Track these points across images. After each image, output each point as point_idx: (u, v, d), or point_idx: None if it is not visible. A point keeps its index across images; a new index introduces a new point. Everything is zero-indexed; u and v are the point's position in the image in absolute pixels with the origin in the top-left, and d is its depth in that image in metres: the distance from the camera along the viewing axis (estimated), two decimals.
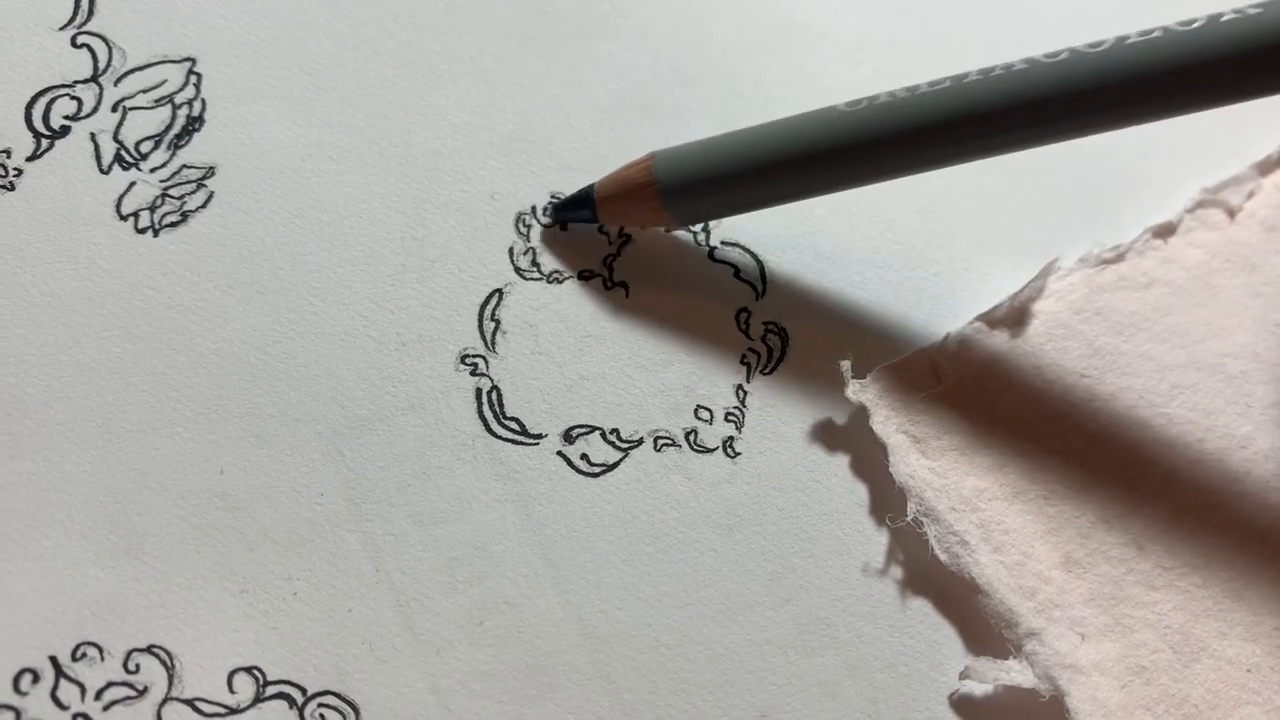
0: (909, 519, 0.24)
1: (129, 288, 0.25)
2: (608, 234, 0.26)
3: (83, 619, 0.22)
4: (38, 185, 0.25)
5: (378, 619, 0.23)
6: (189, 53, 0.27)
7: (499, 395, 0.25)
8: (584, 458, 0.25)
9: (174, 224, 0.25)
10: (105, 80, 0.26)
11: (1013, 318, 0.26)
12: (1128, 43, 0.22)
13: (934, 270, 0.27)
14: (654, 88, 0.28)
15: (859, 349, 0.26)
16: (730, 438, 0.25)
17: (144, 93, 0.26)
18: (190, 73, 0.27)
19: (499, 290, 0.26)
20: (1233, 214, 0.28)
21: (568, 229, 0.26)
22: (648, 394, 0.25)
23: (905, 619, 0.24)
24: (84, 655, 0.22)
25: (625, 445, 0.25)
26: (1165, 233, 0.27)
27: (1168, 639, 0.24)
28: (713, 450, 0.25)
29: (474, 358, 0.25)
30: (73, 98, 0.26)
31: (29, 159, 0.25)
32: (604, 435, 0.25)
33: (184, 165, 0.26)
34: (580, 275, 0.26)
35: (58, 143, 0.26)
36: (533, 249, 0.26)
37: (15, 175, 0.25)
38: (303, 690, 0.23)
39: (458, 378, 0.25)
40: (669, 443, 0.25)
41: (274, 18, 0.27)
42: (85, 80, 0.26)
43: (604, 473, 0.25)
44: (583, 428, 0.25)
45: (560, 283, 0.26)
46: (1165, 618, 0.24)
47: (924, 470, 0.25)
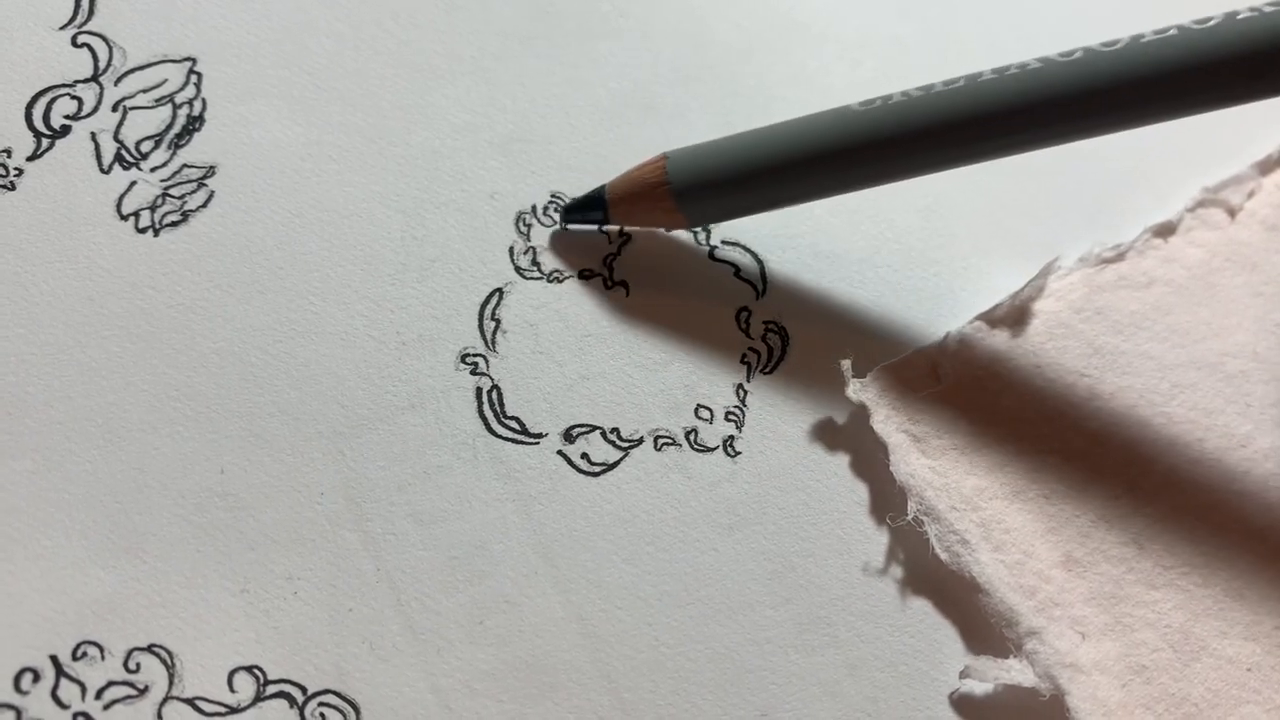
0: (909, 518, 0.24)
1: (129, 287, 0.25)
2: (608, 233, 0.26)
3: (83, 618, 0.22)
4: (38, 185, 0.25)
5: (378, 618, 0.23)
6: (189, 52, 0.27)
7: (499, 394, 0.25)
8: (584, 457, 0.25)
9: (174, 224, 0.25)
10: (105, 80, 0.26)
11: (1013, 317, 0.26)
12: (1143, 41, 0.22)
13: (934, 270, 0.27)
14: (654, 87, 0.28)
15: (859, 348, 0.26)
16: (730, 437, 0.25)
17: (144, 92, 0.26)
18: (190, 72, 0.27)
19: (499, 290, 0.26)
20: (1233, 213, 0.28)
21: (568, 228, 0.26)
22: (648, 393, 0.25)
23: (905, 618, 0.24)
24: (84, 654, 0.22)
25: (625, 444, 0.25)
26: (1165, 232, 0.27)
27: (1168, 638, 0.24)
28: (713, 449, 0.25)
29: (474, 357, 0.25)
30: (73, 97, 0.26)
31: (29, 158, 0.25)
32: (604, 434, 0.25)
33: (184, 165, 0.26)
34: (580, 275, 0.26)
35: (58, 142, 0.26)
36: (533, 248, 0.26)
37: (15, 175, 0.25)
38: (303, 689, 0.23)
39: (458, 377, 0.25)
40: (669, 442, 0.25)
41: (274, 18, 0.27)
42: (85, 80, 0.26)
43: (604, 472, 0.25)
44: (583, 427, 0.25)
45: (560, 282, 0.26)
46: (1165, 617, 0.24)
47: (924, 469, 0.25)
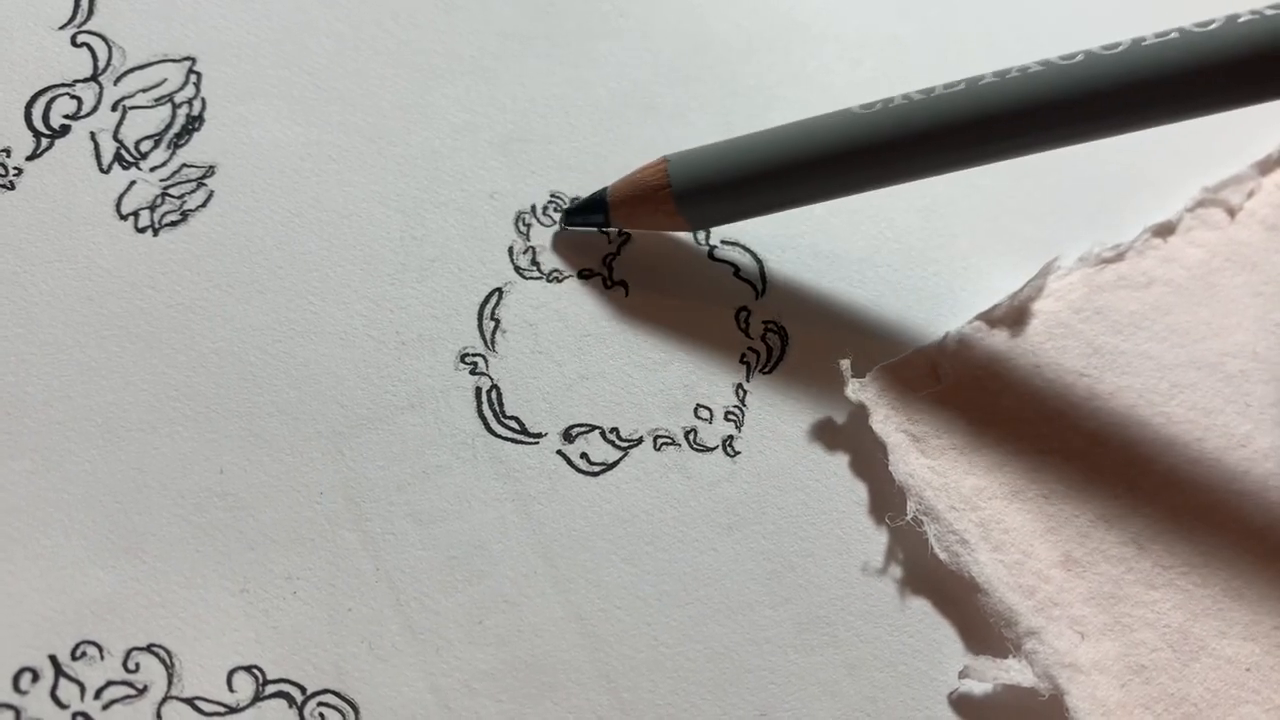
0: (908, 518, 0.24)
1: (129, 287, 0.25)
2: (607, 233, 0.26)
3: (82, 618, 0.22)
4: (38, 184, 0.25)
5: (377, 618, 0.23)
6: (189, 52, 0.27)
7: (499, 394, 0.25)
8: (584, 457, 0.25)
9: (174, 223, 0.25)
10: (105, 79, 0.26)
11: (1012, 317, 0.26)
12: (1144, 44, 0.22)
13: (934, 270, 0.27)
14: (654, 87, 0.28)
15: (859, 348, 0.26)
16: (730, 437, 0.25)
17: (144, 92, 0.26)
18: (190, 72, 0.27)
19: (499, 289, 0.26)
20: (1233, 213, 0.28)
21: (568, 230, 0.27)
22: (647, 393, 0.25)
23: (905, 618, 0.24)
24: (84, 654, 0.22)
25: (625, 444, 0.25)
26: (1165, 232, 0.27)
27: (1167, 638, 0.24)
28: (712, 449, 0.25)
29: (474, 357, 0.25)
30: (72, 97, 0.26)
31: (29, 158, 0.25)
32: (604, 434, 0.25)
33: (184, 164, 0.26)
34: (580, 274, 0.26)
35: (58, 142, 0.26)
36: (532, 248, 0.26)
37: (15, 174, 0.25)
38: (302, 689, 0.23)
39: (457, 377, 0.25)
40: (669, 442, 0.25)
41: (274, 18, 0.27)
42: (85, 79, 0.26)
43: (604, 472, 0.25)
44: (582, 427, 0.25)
45: (560, 282, 0.26)
46: (1165, 616, 0.24)
47: (923, 469, 0.25)
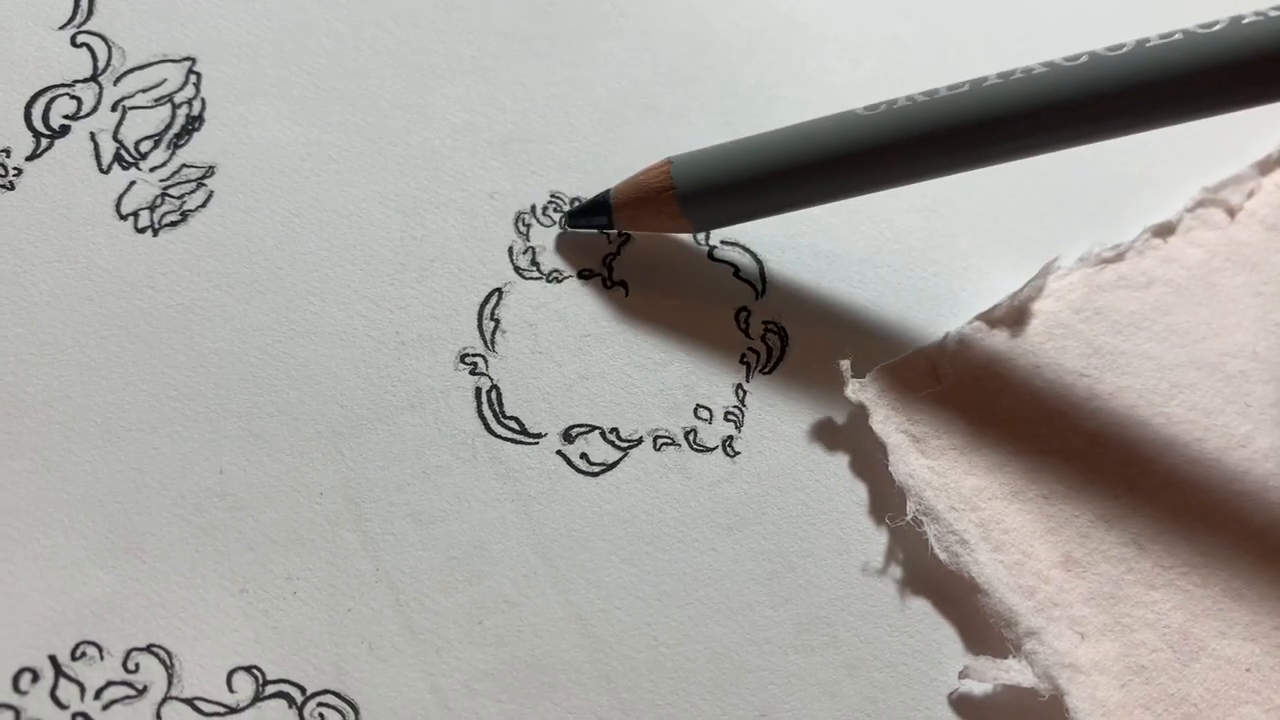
0: (908, 518, 0.24)
1: (129, 287, 0.25)
2: (607, 233, 0.26)
3: (82, 618, 0.22)
4: (37, 185, 0.25)
5: (377, 618, 0.23)
6: (189, 52, 0.27)
7: (498, 394, 0.25)
8: (583, 457, 0.25)
9: (174, 223, 0.25)
10: (105, 79, 0.26)
11: (1012, 317, 0.26)
12: (1148, 46, 0.21)
13: (934, 270, 0.27)
14: (654, 87, 0.28)
15: (858, 348, 0.26)
16: (730, 437, 0.25)
17: (144, 92, 0.26)
18: (190, 72, 0.27)
19: (498, 289, 0.26)
20: (1233, 213, 0.28)
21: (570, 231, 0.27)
22: (647, 393, 0.25)
23: (905, 618, 0.24)
24: (83, 654, 0.22)
25: (625, 444, 0.25)
26: (1165, 232, 0.27)
27: (1167, 638, 0.24)
28: (712, 449, 0.25)
29: (473, 357, 0.25)
30: (72, 97, 0.26)
31: (29, 158, 0.25)
32: (603, 434, 0.25)
33: (184, 164, 0.26)
34: (580, 275, 0.26)
35: (57, 142, 0.26)
36: (532, 248, 0.26)
37: (15, 175, 0.25)
38: (302, 689, 0.23)
39: (457, 377, 0.25)
40: (669, 442, 0.25)
41: (274, 18, 0.27)
42: (85, 79, 0.26)
43: (603, 472, 0.25)
44: (582, 427, 0.25)
45: (560, 282, 0.26)
46: (1165, 617, 0.24)
47: (923, 469, 0.25)
